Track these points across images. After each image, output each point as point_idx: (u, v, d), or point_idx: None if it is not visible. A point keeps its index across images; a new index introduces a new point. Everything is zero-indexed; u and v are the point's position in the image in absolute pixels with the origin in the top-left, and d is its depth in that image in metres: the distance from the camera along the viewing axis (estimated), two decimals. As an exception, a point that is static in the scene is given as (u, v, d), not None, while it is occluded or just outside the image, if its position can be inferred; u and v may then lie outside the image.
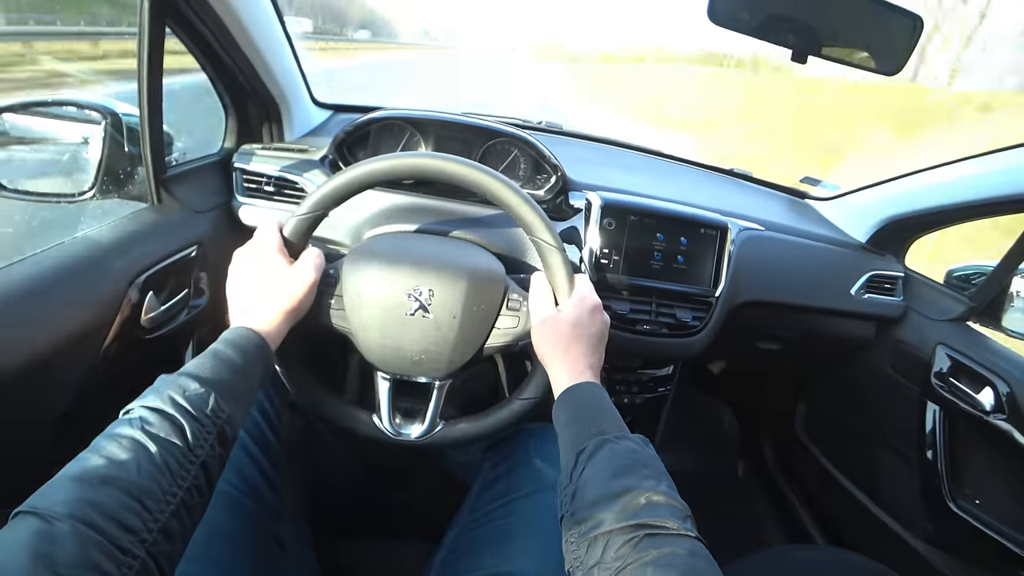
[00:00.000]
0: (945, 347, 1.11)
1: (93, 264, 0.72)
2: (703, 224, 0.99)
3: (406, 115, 1.00)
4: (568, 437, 0.59)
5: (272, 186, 0.97)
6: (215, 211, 0.96)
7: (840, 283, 1.17)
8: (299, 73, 1.11)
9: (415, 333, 0.70)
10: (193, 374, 0.51)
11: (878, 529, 1.26)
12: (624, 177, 1.19)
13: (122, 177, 0.84)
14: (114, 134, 0.82)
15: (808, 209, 1.41)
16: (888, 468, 1.27)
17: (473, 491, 0.83)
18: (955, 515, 1.07)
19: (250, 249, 0.67)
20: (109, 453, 0.42)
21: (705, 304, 0.99)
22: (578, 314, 0.68)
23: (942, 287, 1.21)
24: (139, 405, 0.47)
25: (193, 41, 0.87)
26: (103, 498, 0.39)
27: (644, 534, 0.45)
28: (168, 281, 0.82)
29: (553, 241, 0.68)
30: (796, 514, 1.52)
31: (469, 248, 0.81)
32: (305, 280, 0.66)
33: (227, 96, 1.01)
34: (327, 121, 1.25)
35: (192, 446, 0.46)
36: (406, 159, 0.68)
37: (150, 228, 0.82)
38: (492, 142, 1.01)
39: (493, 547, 0.71)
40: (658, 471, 0.53)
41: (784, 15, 0.78)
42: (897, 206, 1.19)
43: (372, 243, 0.78)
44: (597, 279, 0.94)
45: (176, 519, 0.43)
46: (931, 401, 1.13)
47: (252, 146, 1.00)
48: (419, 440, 0.75)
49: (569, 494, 0.53)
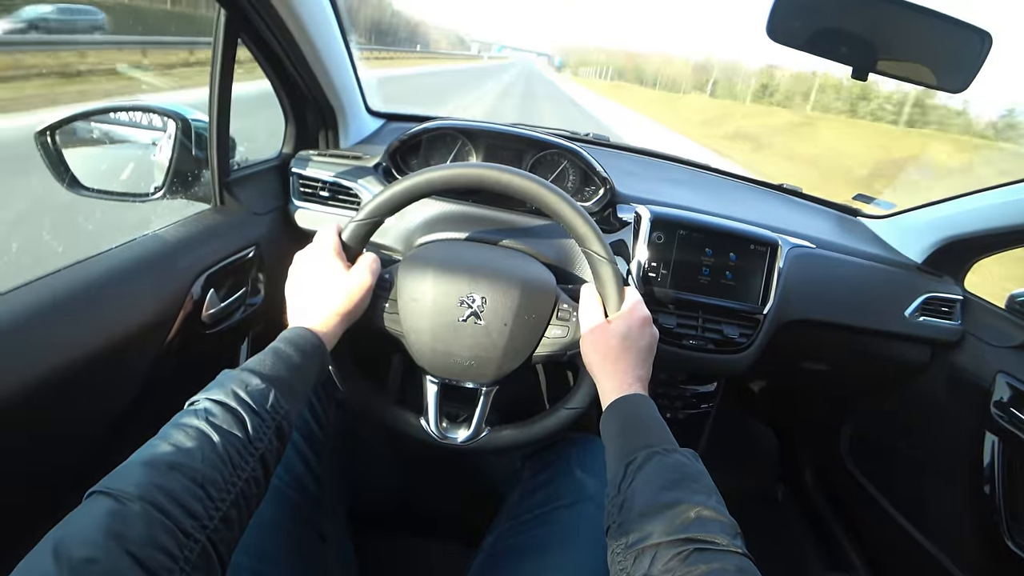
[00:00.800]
0: (1006, 375, 1.06)
1: (163, 260, 0.76)
2: (753, 240, 0.97)
3: (458, 125, 1.02)
4: (617, 448, 0.59)
5: (327, 191, 1.00)
6: (272, 214, 1.00)
7: (893, 304, 1.14)
8: (356, 83, 1.14)
9: (466, 339, 0.71)
10: (255, 370, 0.53)
11: (926, 565, 1.20)
12: (671, 191, 1.18)
13: (189, 179, 0.88)
14: (183, 139, 0.86)
15: (860, 227, 1.37)
16: (939, 500, 1.22)
17: (513, 498, 0.83)
18: (1013, 554, 1.01)
19: (310, 252, 0.69)
20: (176, 441, 0.44)
21: (753, 321, 0.97)
22: (628, 326, 0.68)
23: (1004, 312, 1.15)
24: (204, 397, 0.49)
25: (262, 53, 0.91)
26: (171, 483, 0.41)
27: (693, 548, 0.45)
28: (227, 279, 0.86)
29: (605, 253, 0.69)
30: (837, 542, 1.46)
31: (521, 258, 0.82)
32: (362, 284, 0.67)
33: (288, 104, 1.05)
34: (380, 129, 1.29)
35: (252, 439, 0.48)
36: (465, 169, 0.69)
37: (213, 228, 0.86)
38: (542, 153, 1.02)
39: (532, 555, 0.71)
40: (708, 486, 0.53)
41: (845, 32, 0.77)
42: (956, 226, 1.15)
43: (427, 250, 0.80)
44: (644, 292, 0.94)
45: (235, 508, 0.45)
46: (990, 431, 1.08)
47: (309, 152, 1.04)
48: (464, 444, 0.75)
49: (617, 505, 0.53)
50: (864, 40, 0.77)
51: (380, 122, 1.31)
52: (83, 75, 3.99)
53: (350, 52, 1.07)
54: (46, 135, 0.79)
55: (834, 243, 1.15)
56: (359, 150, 1.07)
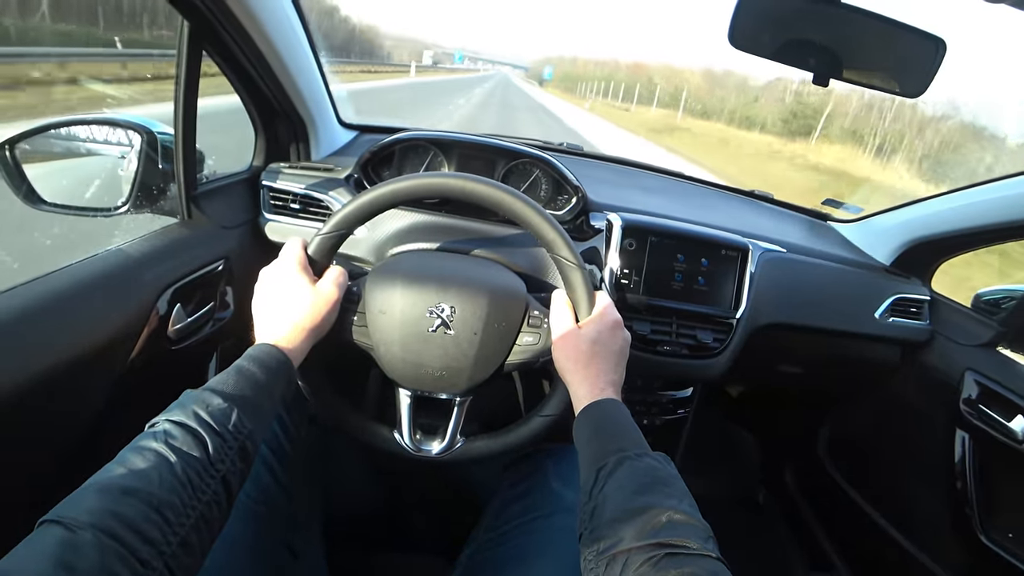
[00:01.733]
0: (974, 373, 1.09)
1: (124, 275, 0.74)
2: (724, 246, 0.98)
3: (430, 136, 1.02)
4: (589, 454, 0.58)
5: (298, 203, 0.99)
6: (242, 227, 0.98)
7: (864, 306, 1.16)
8: (327, 95, 1.14)
9: (436, 350, 0.70)
10: (217, 390, 0.52)
11: (904, 560, 1.22)
12: (644, 198, 1.19)
13: (155, 193, 0.87)
14: (149, 152, 0.85)
15: (830, 231, 1.40)
16: (915, 497, 1.23)
17: (490, 510, 0.83)
18: (987, 548, 1.03)
19: (275, 267, 0.68)
20: (132, 465, 0.43)
21: (726, 326, 0.98)
22: (599, 330, 0.68)
23: (970, 311, 1.18)
24: (164, 419, 0.48)
25: (228, 64, 0.90)
26: (125, 509, 0.40)
27: (665, 553, 0.45)
28: (195, 294, 0.84)
29: (573, 259, 0.69)
30: (818, 542, 1.47)
31: (491, 266, 0.82)
32: (328, 298, 0.67)
33: (257, 116, 1.04)
34: (352, 141, 1.28)
35: (213, 460, 0.47)
36: (430, 179, 0.69)
37: (180, 242, 0.84)
38: (514, 163, 1.03)
39: (510, 567, 0.70)
40: (679, 490, 0.53)
41: (805, 39, 0.79)
42: (922, 228, 1.18)
43: (394, 261, 0.79)
44: (618, 299, 0.94)
45: (195, 532, 0.43)
46: (960, 428, 1.10)
47: (279, 164, 1.03)
48: (439, 456, 0.75)
49: (588, 511, 0.53)
50: (824, 46, 0.79)
51: (353, 134, 1.31)
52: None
53: (320, 64, 1.06)
54: (4, 149, 0.77)
55: (804, 247, 1.17)
56: (331, 162, 1.06)
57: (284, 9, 0.89)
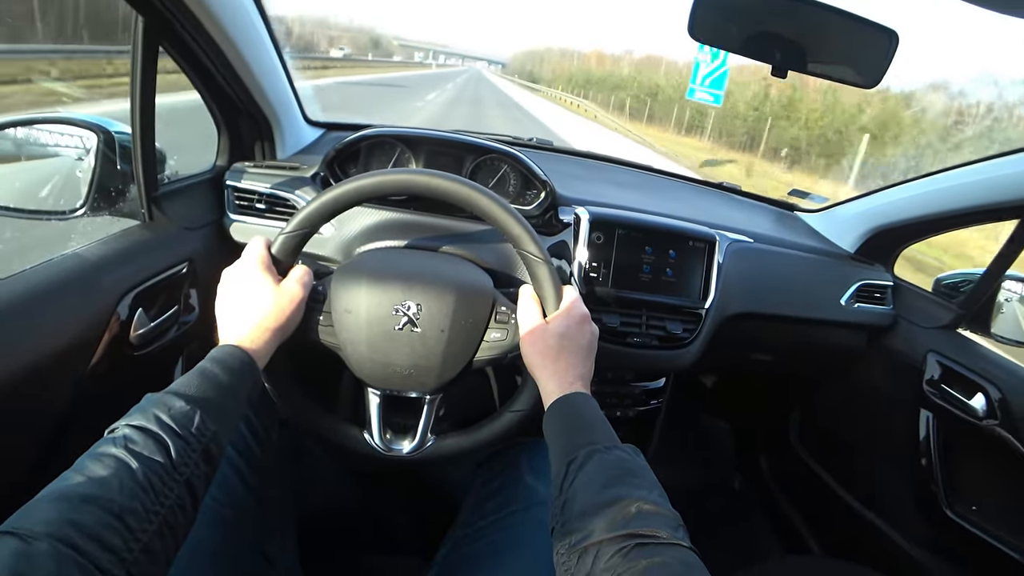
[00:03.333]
0: (936, 354, 1.12)
1: (82, 280, 0.72)
2: (691, 237, 1.00)
3: (397, 132, 1.01)
4: (558, 448, 0.59)
5: (263, 203, 0.97)
6: (206, 228, 0.96)
7: (830, 293, 1.18)
8: (291, 92, 1.12)
9: (403, 348, 0.70)
10: (179, 392, 0.51)
11: (876, 538, 1.25)
12: (614, 192, 1.20)
13: (114, 194, 0.84)
14: (106, 152, 0.82)
15: (796, 221, 1.42)
16: (884, 476, 1.27)
17: (466, 507, 0.83)
18: (952, 522, 1.06)
19: (237, 268, 0.67)
20: (91, 472, 0.42)
21: (695, 316, 1.00)
22: (567, 324, 0.68)
23: (931, 295, 1.22)
24: (124, 424, 0.47)
25: (186, 60, 0.88)
26: (84, 517, 0.39)
27: (635, 543, 0.45)
28: (158, 298, 0.82)
29: (539, 253, 0.69)
30: (793, 525, 1.51)
31: (457, 263, 0.81)
32: (292, 297, 0.66)
33: (220, 114, 1.02)
34: (319, 139, 1.26)
35: (176, 464, 0.46)
36: (393, 175, 0.69)
37: (141, 245, 0.82)
38: (482, 158, 1.02)
39: (486, 564, 0.70)
40: (649, 481, 0.53)
41: (768, 32, 0.80)
42: (884, 216, 1.21)
43: (360, 259, 0.79)
44: (587, 292, 0.95)
45: (159, 538, 0.42)
46: (924, 408, 1.13)
47: (244, 164, 1.01)
48: (410, 455, 0.74)
49: (559, 505, 0.53)
50: (790, 40, 0.80)
51: (319, 132, 1.29)
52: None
53: (283, 60, 1.05)
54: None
55: (771, 237, 1.19)
56: (297, 160, 1.05)
57: (243, 3, 0.88)
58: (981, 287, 1.09)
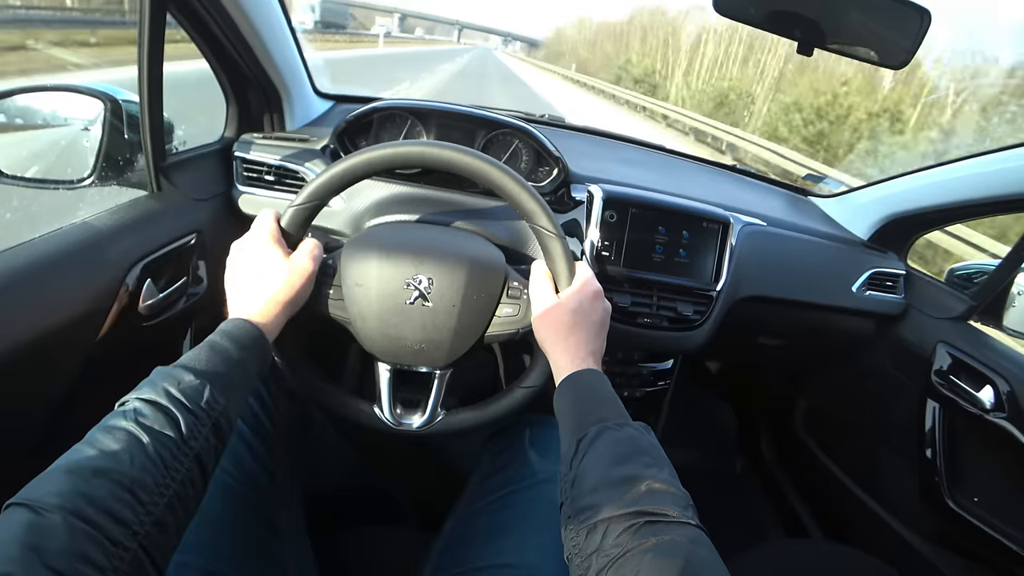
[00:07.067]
0: (946, 345, 1.11)
1: (90, 250, 0.71)
2: (705, 218, 0.98)
3: (408, 105, 0.99)
4: (569, 424, 0.59)
5: (272, 175, 0.96)
6: (215, 200, 0.95)
7: (841, 280, 1.17)
8: (301, 63, 1.10)
9: (414, 322, 0.69)
10: (188, 366, 0.51)
11: (876, 525, 1.26)
12: (626, 171, 1.19)
13: (121, 164, 0.84)
14: (114, 121, 0.81)
15: (810, 206, 1.40)
16: (887, 465, 1.27)
17: (472, 482, 0.83)
18: (954, 512, 1.07)
19: (246, 240, 0.66)
20: (102, 445, 0.42)
21: (706, 298, 0.99)
22: (579, 300, 0.67)
23: (943, 285, 1.20)
24: (134, 397, 0.47)
25: (195, 28, 0.86)
26: (95, 490, 0.39)
27: (644, 521, 0.45)
28: (167, 269, 0.82)
29: (553, 229, 0.68)
30: (794, 509, 1.52)
31: (469, 237, 0.80)
32: (302, 270, 0.65)
33: (228, 84, 1.01)
34: (329, 111, 1.25)
35: (186, 438, 0.46)
36: (407, 147, 0.67)
37: (149, 215, 0.82)
38: (494, 133, 1.01)
39: (492, 538, 0.71)
40: (659, 459, 0.53)
41: (791, 10, 0.78)
42: (899, 204, 1.19)
43: (370, 233, 0.78)
44: (598, 271, 0.94)
45: (170, 511, 0.43)
46: (931, 399, 1.13)
47: (253, 135, 0.99)
48: (420, 430, 0.74)
49: (569, 481, 0.53)
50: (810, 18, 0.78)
51: (329, 104, 1.27)
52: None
53: (293, 31, 1.03)
54: (-43, 119, 0.73)
55: (785, 221, 1.17)
56: (306, 132, 1.03)
57: None
58: (995, 279, 1.08)
